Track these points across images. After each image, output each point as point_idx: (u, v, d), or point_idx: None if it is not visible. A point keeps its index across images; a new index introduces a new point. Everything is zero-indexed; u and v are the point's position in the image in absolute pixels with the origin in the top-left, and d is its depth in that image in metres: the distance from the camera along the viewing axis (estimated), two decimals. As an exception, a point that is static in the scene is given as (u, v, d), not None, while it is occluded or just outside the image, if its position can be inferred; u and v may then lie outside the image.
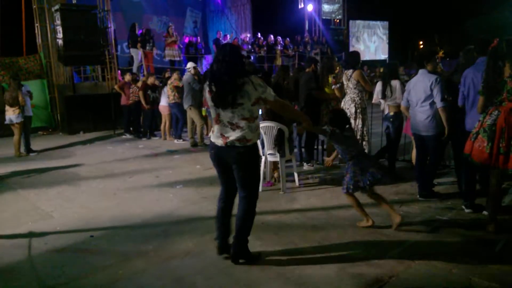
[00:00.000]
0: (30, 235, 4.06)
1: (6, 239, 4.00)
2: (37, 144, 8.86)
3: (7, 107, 7.99)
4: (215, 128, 3.19)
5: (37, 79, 10.93)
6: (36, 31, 11.55)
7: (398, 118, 5.33)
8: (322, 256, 3.38)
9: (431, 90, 4.39)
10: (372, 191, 3.91)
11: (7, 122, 8.07)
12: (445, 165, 5.91)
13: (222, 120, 3.12)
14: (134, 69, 12.69)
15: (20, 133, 8.08)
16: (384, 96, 5.34)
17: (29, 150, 8.29)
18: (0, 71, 10.45)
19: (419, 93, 4.51)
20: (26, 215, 4.69)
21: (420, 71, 4.56)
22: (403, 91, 5.13)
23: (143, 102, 9.43)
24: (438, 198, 4.72)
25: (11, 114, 7.96)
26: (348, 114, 5.61)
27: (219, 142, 3.14)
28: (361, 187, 3.82)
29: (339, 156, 4.18)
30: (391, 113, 5.31)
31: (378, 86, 5.48)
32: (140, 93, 9.43)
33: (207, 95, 3.17)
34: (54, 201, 5.15)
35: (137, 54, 12.94)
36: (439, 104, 4.37)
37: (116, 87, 10.32)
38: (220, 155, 3.19)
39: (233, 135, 3.08)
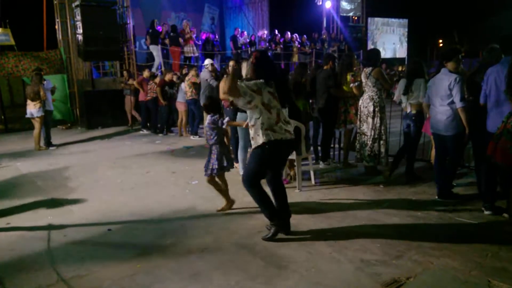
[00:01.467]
0: (50, 227, 4.13)
1: (26, 231, 4.08)
2: (56, 138, 9.00)
3: (28, 101, 8.16)
4: (278, 126, 3.53)
5: (57, 74, 11.10)
6: (57, 27, 11.74)
7: (420, 116, 5.25)
8: (338, 255, 3.36)
9: (450, 89, 4.32)
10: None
11: (28, 115, 8.24)
12: (465, 165, 5.82)
13: (282, 118, 3.56)
14: (155, 66, 12.76)
15: (41, 127, 8.23)
16: (406, 93, 5.25)
17: (49, 143, 8.45)
18: (21, 66, 10.66)
19: (439, 92, 4.44)
20: (45, 208, 4.78)
21: (442, 70, 4.48)
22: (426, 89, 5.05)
23: (160, 98, 9.51)
24: (457, 199, 4.65)
25: (32, 108, 8.12)
26: (366, 112, 5.57)
27: (289, 136, 3.59)
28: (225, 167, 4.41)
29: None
30: (413, 112, 5.23)
31: (401, 84, 5.40)
32: (158, 89, 9.51)
33: (267, 96, 3.49)
34: (73, 195, 5.24)
35: (157, 50, 13.00)
36: (458, 104, 4.29)
37: (134, 82, 10.43)
38: (291, 148, 3.74)
39: (290, 129, 3.65)
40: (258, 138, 3.56)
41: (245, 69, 5.60)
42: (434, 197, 4.73)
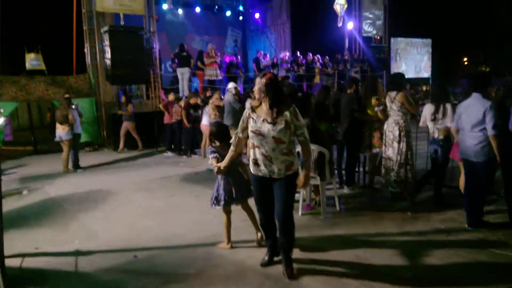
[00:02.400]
0: (77, 253, 4.19)
1: (54, 257, 4.15)
2: (83, 160, 9.20)
3: (57, 125, 8.41)
4: None
5: (86, 97, 11.43)
6: (86, 51, 12.15)
7: (448, 142, 5.15)
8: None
9: (484, 116, 4.22)
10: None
11: (57, 139, 8.48)
12: (494, 192, 5.63)
13: None
14: (185, 88, 12.93)
15: (69, 150, 8.45)
16: (434, 119, 5.17)
17: (76, 166, 8.64)
18: (52, 89, 11.03)
19: (471, 118, 4.34)
20: (73, 233, 4.86)
21: (474, 94, 4.38)
22: (454, 113, 4.96)
23: (185, 120, 9.65)
24: (488, 228, 4.49)
25: (61, 131, 8.36)
26: (392, 137, 5.49)
27: None
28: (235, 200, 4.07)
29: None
30: (441, 137, 5.13)
31: (427, 109, 5.32)
32: (183, 112, 9.66)
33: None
34: (99, 219, 5.31)
35: (187, 73, 13.22)
36: (490, 132, 4.18)
37: (160, 105, 10.63)
38: None
39: None
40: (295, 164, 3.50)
41: (258, 85, 5.65)
42: (463, 225, 4.58)
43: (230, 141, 3.83)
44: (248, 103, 8.35)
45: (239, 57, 16.18)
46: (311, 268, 3.65)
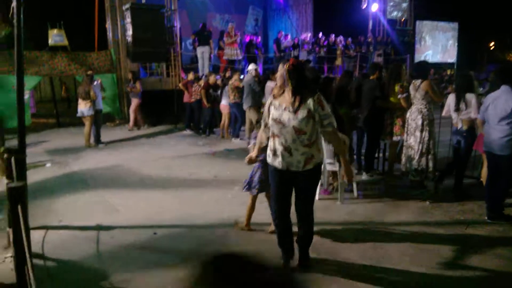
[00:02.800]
0: (98, 228, 4.32)
1: (76, 230, 4.29)
2: (104, 135, 9.35)
3: (80, 100, 8.54)
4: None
5: (107, 73, 11.53)
6: (107, 27, 12.19)
7: (472, 133, 5.06)
8: (378, 277, 3.29)
9: None
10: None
11: (78, 114, 8.63)
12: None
13: None
14: (205, 67, 12.91)
15: (91, 125, 8.59)
16: (458, 109, 5.08)
17: (98, 141, 8.80)
18: (74, 65, 11.16)
19: (498, 111, 4.23)
20: (95, 207, 5.00)
21: (502, 87, 4.26)
22: (478, 104, 4.86)
23: (204, 100, 9.68)
24: (508, 221, 4.43)
25: (83, 107, 8.49)
26: (414, 125, 5.41)
27: None
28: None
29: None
30: (465, 128, 5.04)
31: (451, 99, 5.21)
32: (202, 91, 9.68)
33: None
34: (121, 195, 5.43)
35: (207, 52, 13.18)
36: (517, 125, 4.09)
37: (180, 85, 10.66)
38: None
39: None
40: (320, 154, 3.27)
41: (280, 71, 5.61)
42: (483, 217, 4.54)
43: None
44: (268, 85, 8.31)
45: (259, 37, 15.99)
46: (327, 257, 3.69)
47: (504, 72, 4.37)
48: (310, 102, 3.09)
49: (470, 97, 4.98)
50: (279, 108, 3.17)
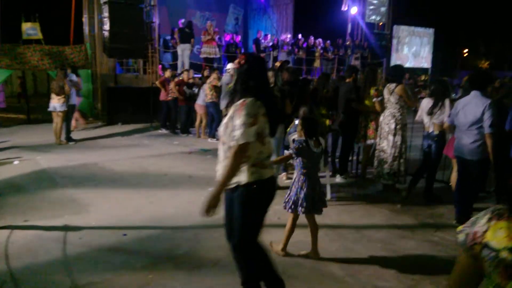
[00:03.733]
0: (66, 228, 4.19)
1: (43, 231, 4.15)
2: (76, 133, 9.15)
3: (53, 95, 8.31)
4: (267, 159, 2.65)
5: (82, 68, 11.28)
6: (84, 21, 11.93)
7: (442, 137, 5.15)
8: (351, 279, 3.31)
9: (482, 114, 4.20)
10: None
11: (50, 109, 8.39)
12: (485, 190, 5.67)
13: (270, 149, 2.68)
14: (186, 65, 12.76)
15: (62, 121, 8.37)
16: (431, 113, 5.16)
17: (69, 138, 8.58)
18: (47, 59, 10.86)
19: (469, 116, 4.32)
20: (63, 207, 4.85)
21: (472, 93, 4.35)
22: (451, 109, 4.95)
23: (179, 96, 9.58)
24: (477, 225, 4.52)
25: (56, 103, 8.27)
26: (387, 129, 5.48)
27: (272, 173, 2.70)
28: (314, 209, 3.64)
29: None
30: (436, 132, 5.14)
31: (425, 103, 5.29)
32: (174, 88, 9.58)
33: (262, 121, 2.52)
34: (91, 195, 5.30)
35: (187, 49, 13.02)
36: (487, 130, 4.17)
37: (157, 82, 10.52)
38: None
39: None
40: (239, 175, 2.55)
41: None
42: (452, 221, 4.63)
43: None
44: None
45: (239, 36, 15.94)
46: (298, 259, 3.69)
47: (474, 78, 4.47)
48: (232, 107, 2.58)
49: (445, 101, 5.07)
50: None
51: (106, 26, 10.66)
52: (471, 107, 4.32)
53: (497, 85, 6.33)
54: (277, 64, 7.34)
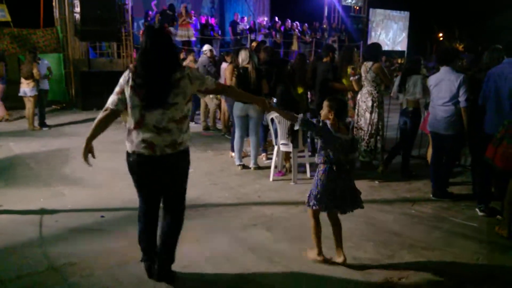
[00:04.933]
0: (42, 212, 4.09)
1: (17, 215, 4.04)
2: (50, 118, 8.89)
3: (22, 80, 8.04)
4: (136, 134, 2.68)
5: (53, 52, 10.92)
6: (54, 4, 11.51)
7: (417, 113, 5.24)
8: (331, 252, 3.35)
9: (458, 89, 4.27)
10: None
11: (21, 94, 8.12)
12: (460, 164, 5.81)
13: (147, 124, 2.63)
14: None
15: (34, 106, 8.12)
16: (401, 90, 5.24)
17: (42, 124, 8.34)
18: (17, 43, 10.46)
19: (443, 92, 4.38)
20: (38, 191, 4.73)
21: (444, 68, 4.42)
22: (423, 86, 5.02)
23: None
24: (452, 198, 4.65)
25: (26, 87, 8.01)
26: (364, 107, 5.53)
27: (145, 151, 2.68)
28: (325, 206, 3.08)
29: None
30: (410, 108, 5.21)
31: (398, 80, 5.37)
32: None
33: (128, 93, 2.68)
34: (66, 179, 5.18)
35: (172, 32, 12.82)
36: (463, 104, 4.26)
37: (131, 66, 10.26)
38: (145, 167, 2.77)
39: (161, 141, 2.64)
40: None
41: (242, 56, 5.57)
42: (428, 195, 4.73)
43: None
44: (223, 66, 8.19)
45: (215, 19, 15.71)
46: (278, 232, 3.70)
47: (443, 53, 4.55)
48: None
49: (416, 78, 5.14)
50: None
51: (77, 9, 10.29)
52: (445, 83, 4.39)
53: (465, 65, 6.48)
54: (254, 44, 7.27)
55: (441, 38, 32.67)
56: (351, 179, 3.15)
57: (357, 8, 19.65)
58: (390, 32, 22.25)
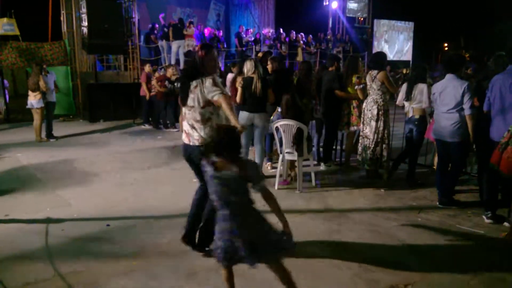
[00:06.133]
0: (48, 221, 4.12)
1: (24, 224, 4.07)
2: (57, 130, 8.97)
3: (29, 92, 8.15)
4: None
5: (61, 65, 11.08)
6: (62, 18, 11.72)
7: (423, 121, 5.23)
8: (336, 259, 3.33)
9: (462, 96, 4.27)
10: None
11: (28, 106, 8.23)
12: (467, 172, 5.78)
13: (187, 119, 3.31)
14: (181, 61, 12.71)
15: (41, 118, 8.21)
16: (408, 99, 5.24)
17: (50, 135, 8.43)
18: (25, 56, 10.63)
19: (448, 99, 4.38)
20: (44, 201, 4.77)
21: (448, 76, 4.42)
22: (429, 94, 5.02)
23: (159, 91, 9.51)
24: (458, 206, 4.61)
25: (33, 99, 8.11)
26: (370, 115, 5.53)
27: (185, 139, 3.37)
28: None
29: None
30: (416, 116, 5.21)
31: (404, 88, 5.38)
32: (157, 84, 9.49)
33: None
34: (72, 189, 5.22)
35: (184, 45, 13.03)
36: (467, 111, 4.25)
37: (142, 81, 10.32)
38: (186, 152, 3.45)
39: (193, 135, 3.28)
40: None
41: (247, 66, 5.61)
42: (435, 203, 4.70)
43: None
44: (229, 77, 8.24)
45: (221, 31, 15.88)
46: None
47: (449, 61, 4.55)
48: None
49: (422, 86, 5.14)
50: None
51: (84, 22, 10.46)
52: (450, 90, 4.39)
53: (469, 72, 6.47)
54: (260, 55, 7.33)
55: (446, 48, 32.71)
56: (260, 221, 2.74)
57: (362, 19, 19.77)
58: (395, 43, 22.30)
